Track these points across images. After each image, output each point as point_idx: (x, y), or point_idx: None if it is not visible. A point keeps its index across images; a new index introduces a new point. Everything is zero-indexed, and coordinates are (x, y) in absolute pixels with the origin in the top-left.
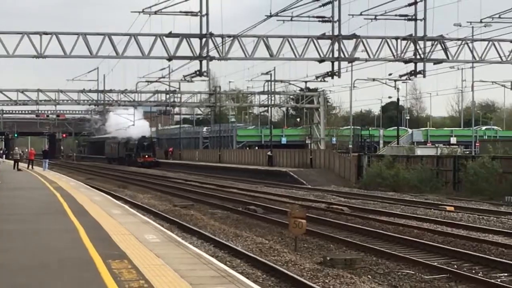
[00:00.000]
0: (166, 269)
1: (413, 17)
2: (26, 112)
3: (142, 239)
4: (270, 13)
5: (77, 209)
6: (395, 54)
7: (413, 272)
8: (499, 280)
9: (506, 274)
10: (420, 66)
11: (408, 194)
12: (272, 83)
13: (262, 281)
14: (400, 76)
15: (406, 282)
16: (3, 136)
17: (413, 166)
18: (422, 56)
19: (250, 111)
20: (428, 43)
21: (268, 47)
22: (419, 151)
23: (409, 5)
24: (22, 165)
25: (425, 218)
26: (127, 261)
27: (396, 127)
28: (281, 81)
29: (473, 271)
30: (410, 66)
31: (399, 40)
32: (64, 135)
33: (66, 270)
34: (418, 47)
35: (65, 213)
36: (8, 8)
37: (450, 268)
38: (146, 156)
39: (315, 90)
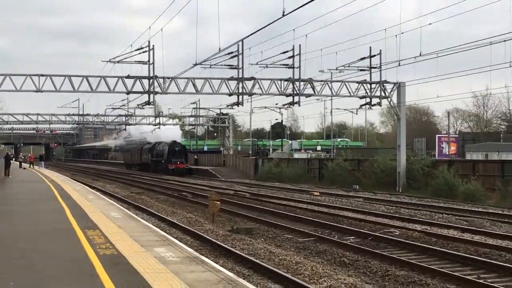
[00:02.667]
0: (125, 235)
1: (292, 66)
2: (29, 129)
3: (109, 215)
4: (196, 62)
5: (64, 195)
6: (279, 90)
7: (291, 236)
8: (348, 241)
9: (353, 237)
10: (296, 98)
11: (289, 184)
12: (198, 109)
13: (190, 243)
14: (283, 105)
15: (287, 243)
16: (13, 145)
17: (292, 165)
18: (297, 91)
19: (183, 128)
20: (302, 83)
21: (194, 85)
22: (296, 155)
23: (289, 57)
24: (25, 165)
25: (300, 200)
26: (98, 230)
27: (280, 139)
28: (204, 108)
29: (332, 235)
30: (290, 98)
31: (282, 81)
32: (55, 145)
33: (56, 237)
34: (295, 86)
35: (56, 198)
36: (15, 56)
37: (316, 234)
38: (178, 163)
39: (226, 114)
